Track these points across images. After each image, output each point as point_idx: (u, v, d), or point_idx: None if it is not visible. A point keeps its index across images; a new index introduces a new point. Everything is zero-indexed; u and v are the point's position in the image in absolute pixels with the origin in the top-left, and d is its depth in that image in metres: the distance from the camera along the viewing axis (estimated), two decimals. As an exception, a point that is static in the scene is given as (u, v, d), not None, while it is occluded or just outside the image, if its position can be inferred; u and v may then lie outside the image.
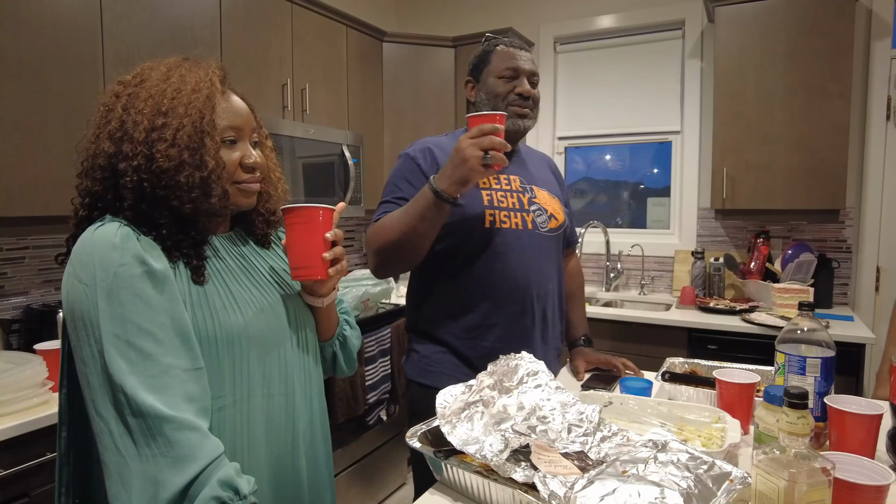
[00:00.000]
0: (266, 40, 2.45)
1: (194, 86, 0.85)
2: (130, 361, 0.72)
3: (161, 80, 0.84)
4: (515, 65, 1.48)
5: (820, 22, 2.50)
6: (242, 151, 0.89)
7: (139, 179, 0.80)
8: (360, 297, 2.51)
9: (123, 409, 0.71)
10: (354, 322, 1.17)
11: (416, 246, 1.34)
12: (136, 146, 0.80)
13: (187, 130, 0.81)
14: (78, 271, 0.76)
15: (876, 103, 2.70)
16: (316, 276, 0.92)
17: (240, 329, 0.85)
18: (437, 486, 0.97)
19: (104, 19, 1.82)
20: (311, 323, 1.03)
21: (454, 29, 3.59)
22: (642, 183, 3.47)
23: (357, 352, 1.16)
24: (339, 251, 0.95)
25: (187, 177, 0.81)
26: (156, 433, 0.71)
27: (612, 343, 2.72)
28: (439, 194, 1.25)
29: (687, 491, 0.79)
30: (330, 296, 1.01)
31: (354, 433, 2.50)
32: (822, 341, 1.08)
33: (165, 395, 0.73)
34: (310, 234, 0.91)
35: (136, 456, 0.70)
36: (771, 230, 2.92)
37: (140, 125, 0.81)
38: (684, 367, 1.50)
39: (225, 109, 0.87)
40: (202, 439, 0.74)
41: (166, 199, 0.81)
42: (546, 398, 1.02)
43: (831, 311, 2.68)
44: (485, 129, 1.21)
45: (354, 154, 2.86)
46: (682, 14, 3.14)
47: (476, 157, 1.19)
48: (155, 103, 0.82)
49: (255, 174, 0.91)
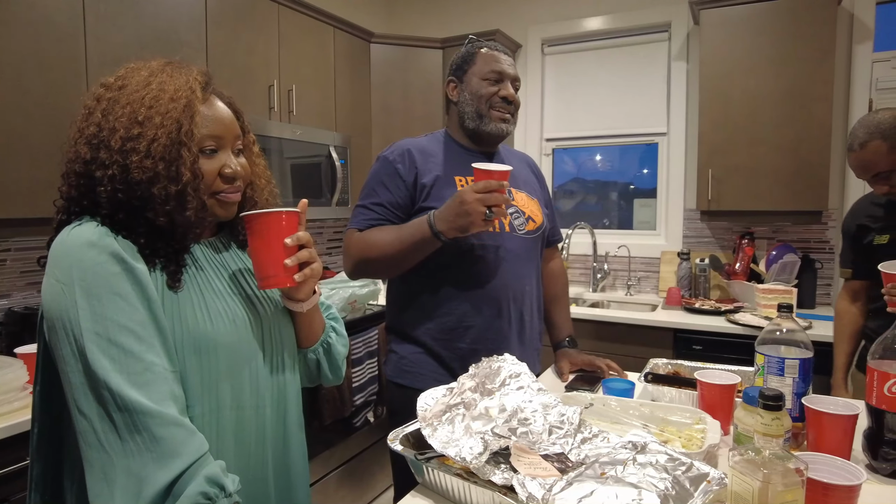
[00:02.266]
0: (252, 41, 2.44)
1: (173, 94, 0.83)
2: (113, 359, 0.72)
3: (140, 87, 0.83)
4: (501, 68, 1.49)
5: (803, 25, 2.53)
6: (222, 161, 0.87)
7: (114, 189, 0.79)
8: (346, 298, 2.51)
9: (108, 405, 0.71)
10: (343, 328, 1.14)
11: (400, 267, 1.43)
12: (112, 154, 0.79)
13: (162, 142, 0.80)
14: (55, 270, 0.75)
15: (858, 106, 2.74)
16: (281, 283, 0.89)
17: (209, 339, 0.84)
18: (418, 489, 0.98)
19: (87, 21, 1.81)
20: (290, 333, 1.01)
21: (442, 30, 3.60)
22: (632, 184, 3.49)
23: (343, 359, 1.13)
24: (305, 254, 0.91)
25: (161, 189, 0.79)
26: (141, 429, 0.70)
27: (598, 343, 2.73)
28: (437, 235, 1.31)
29: (664, 492, 0.80)
30: (309, 300, 0.98)
31: (341, 435, 2.50)
32: (801, 342, 1.09)
33: (150, 391, 0.73)
34: (269, 240, 0.88)
35: (121, 452, 0.70)
36: (756, 231, 2.95)
37: (116, 133, 0.79)
38: (667, 367, 1.51)
39: (206, 118, 0.85)
40: (188, 435, 0.74)
41: (142, 210, 0.80)
42: (528, 400, 1.02)
43: (814, 311, 2.71)
44: (491, 187, 1.25)
45: (342, 155, 2.85)
46: (668, 17, 3.16)
47: (479, 213, 1.25)
48: (132, 111, 0.81)
49: (234, 184, 0.89)
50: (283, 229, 0.88)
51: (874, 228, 1.77)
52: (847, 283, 1.94)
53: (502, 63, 1.49)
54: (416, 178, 1.44)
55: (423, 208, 1.42)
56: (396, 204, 1.44)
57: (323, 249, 3.43)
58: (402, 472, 1.32)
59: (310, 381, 1.10)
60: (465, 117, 1.50)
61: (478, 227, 1.27)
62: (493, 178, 1.26)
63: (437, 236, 1.31)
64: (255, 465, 0.91)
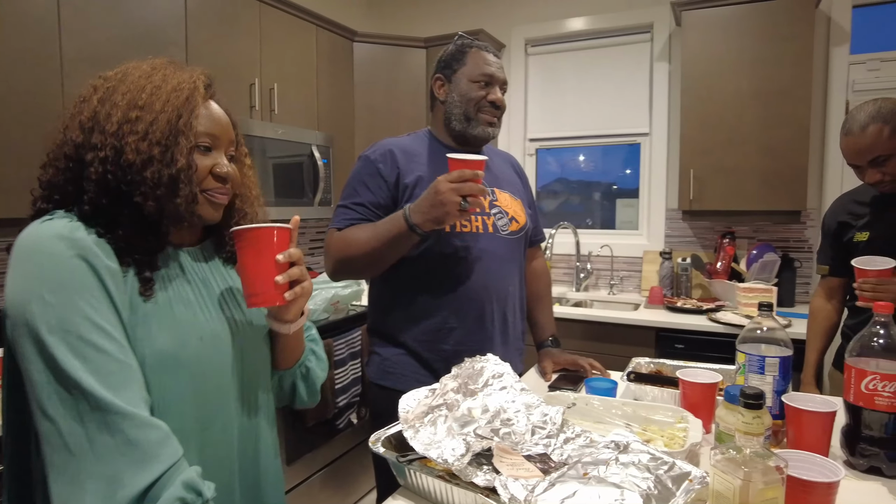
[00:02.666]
0: (233, 39, 2.40)
1: (175, 85, 0.82)
2: (85, 357, 0.69)
3: (143, 77, 0.82)
4: (491, 72, 1.48)
5: (782, 28, 2.56)
6: (215, 160, 0.86)
7: (104, 171, 0.77)
8: (329, 299, 2.48)
9: (78, 406, 0.68)
10: (322, 351, 1.10)
11: (380, 265, 1.41)
12: (106, 137, 0.77)
13: (160, 126, 0.79)
14: (21, 264, 0.72)
15: (835, 107, 2.78)
16: (270, 302, 0.86)
17: (170, 356, 0.79)
18: (400, 491, 0.97)
19: (62, 16, 1.77)
20: (266, 354, 0.97)
21: (425, 30, 3.59)
22: (615, 184, 3.51)
23: (321, 383, 1.08)
24: (297, 272, 0.88)
25: (154, 173, 0.78)
26: (115, 431, 0.68)
27: (582, 343, 2.74)
28: (413, 228, 1.28)
29: (647, 492, 0.80)
30: (297, 322, 0.94)
31: (324, 437, 2.48)
32: (781, 341, 1.10)
33: (124, 392, 0.70)
34: (260, 257, 0.85)
35: (90, 455, 0.67)
36: (736, 231, 2.98)
37: (113, 117, 0.78)
38: (650, 366, 1.52)
39: (204, 115, 0.84)
40: (164, 438, 0.71)
41: (129, 195, 0.78)
42: (511, 400, 1.02)
43: (794, 309, 2.75)
44: (465, 176, 1.23)
45: (324, 154, 2.83)
46: (650, 18, 3.18)
47: (454, 203, 1.22)
48: (132, 97, 0.80)
49: (225, 185, 0.87)
50: (275, 245, 0.85)
51: (855, 226, 1.77)
52: (823, 280, 1.96)
53: (492, 66, 1.48)
54: (398, 178, 1.43)
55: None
56: (378, 204, 1.42)
57: (305, 250, 3.40)
58: (384, 474, 1.30)
59: (279, 403, 1.05)
60: (452, 118, 1.49)
61: (453, 217, 1.25)
62: (468, 168, 1.24)
63: (412, 229, 1.28)
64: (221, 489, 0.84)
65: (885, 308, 1.01)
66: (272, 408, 0.99)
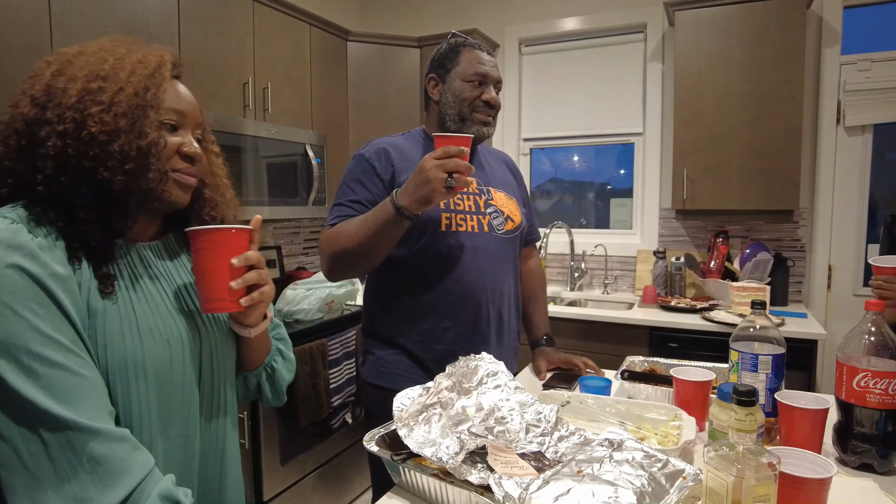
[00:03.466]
0: (226, 38, 2.39)
1: (141, 58, 0.77)
2: (35, 374, 0.64)
3: (103, 49, 0.77)
4: (485, 71, 1.47)
5: (774, 28, 2.58)
6: (183, 139, 0.81)
7: (63, 146, 0.71)
8: (323, 299, 2.48)
9: (35, 426, 0.63)
10: (290, 351, 1.06)
11: (372, 256, 1.36)
12: (63, 111, 0.71)
13: (127, 96, 0.73)
14: None
15: (826, 107, 2.80)
16: (225, 308, 0.81)
17: (137, 362, 0.75)
18: (395, 490, 0.96)
19: (53, 13, 1.75)
20: (231, 354, 0.93)
21: (418, 30, 3.59)
22: (608, 184, 3.52)
23: (287, 384, 1.04)
24: (254, 276, 0.82)
25: (122, 146, 0.72)
26: (77, 448, 0.64)
27: (576, 342, 2.75)
28: (400, 210, 1.24)
29: (640, 489, 0.80)
30: (258, 326, 0.90)
31: (319, 437, 2.47)
32: (774, 339, 1.11)
33: (82, 406, 0.66)
34: (214, 260, 0.79)
35: (52, 476, 0.63)
36: (730, 230, 3.00)
37: (71, 89, 0.72)
38: (644, 365, 1.52)
39: (171, 91, 0.80)
40: (132, 451, 0.68)
41: (93, 172, 0.72)
42: (505, 398, 1.02)
43: (786, 308, 2.76)
44: (450, 152, 1.20)
45: (318, 154, 2.82)
46: (643, 18, 3.19)
47: (439, 179, 1.19)
48: (93, 68, 0.74)
49: (193, 166, 0.82)
50: (231, 248, 0.80)
51: None
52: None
53: (486, 65, 1.47)
54: (392, 177, 1.42)
55: None
56: (374, 202, 1.41)
57: (299, 250, 3.39)
58: (380, 473, 1.30)
59: (243, 399, 1.02)
60: (447, 118, 1.48)
61: (440, 195, 1.21)
62: (453, 144, 1.22)
63: (400, 212, 1.24)
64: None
65: (875, 306, 1.01)
66: (236, 409, 0.95)
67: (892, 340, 1.00)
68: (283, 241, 3.23)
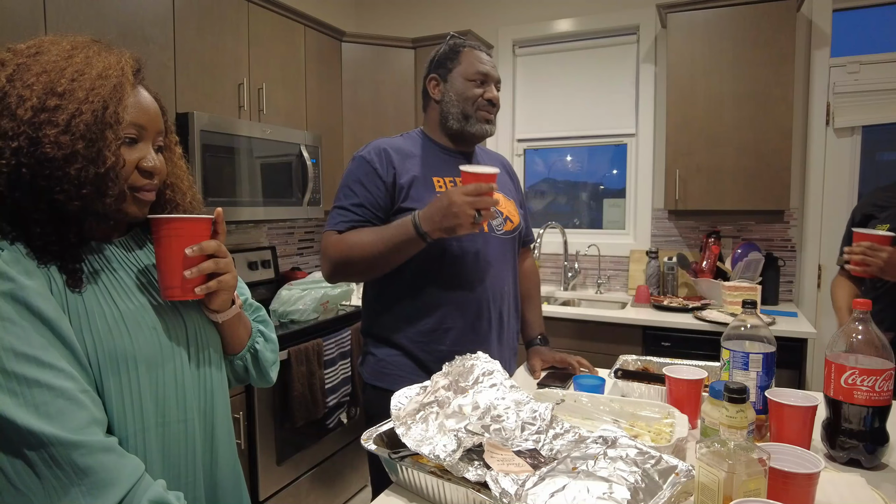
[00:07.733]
0: (221, 39, 2.40)
1: (101, 71, 0.74)
2: (13, 392, 0.64)
3: (61, 58, 0.73)
4: (486, 70, 1.49)
5: (764, 31, 2.61)
6: (142, 153, 0.80)
7: (17, 164, 0.69)
8: (319, 299, 2.49)
9: (19, 444, 0.64)
10: (272, 332, 1.07)
11: (383, 268, 1.40)
12: (18, 125, 0.69)
13: (85, 118, 0.71)
14: None
15: (816, 109, 2.83)
16: (180, 296, 0.82)
17: (128, 354, 0.76)
18: (392, 488, 0.98)
19: (47, 14, 1.75)
20: (215, 337, 0.94)
21: (412, 31, 3.60)
22: (602, 184, 3.54)
23: (272, 365, 1.06)
24: (210, 266, 0.83)
25: (79, 170, 0.71)
26: (63, 463, 0.64)
27: (570, 341, 2.77)
28: (424, 236, 1.29)
29: (634, 485, 0.81)
30: (225, 312, 0.91)
31: (314, 437, 2.48)
32: (765, 338, 1.12)
33: (64, 420, 0.66)
34: (171, 248, 0.81)
35: (41, 492, 0.64)
36: (721, 230, 3.03)
37: (27, 101, 0.70)
38: (637, 364, 1.54)
39: (132, 105, 0.78)
40: (119, 459, 0.68)
41: (48, 191, 0.71)
42: (501, 397, 1.03)
43: (777, 307, 2.79)
44: (482, 190, 1.24)
45: (313, 154, 2.83)
46: (636, 20, 3.22)
47: (469, 216, 1.23)
48: (49, 80, 0.71)
49: (152, 181, 0.82)
50: (189, 237, 0.82)
51: (878, 217, 1.76)
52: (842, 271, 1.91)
53: (486, 65, 1.50)
54: (394, 179, 1.43)
55: (401, 209, 1.41)
56: (377, 204, 1.41)
57: (294, 250, 3.40)
58: (378, 471, 1.31)
59: (238, 382, 1.04)
60: (450, 117, 1.49)
61: (466, 229, 1.25)
62: (483, 181, 1.25)
63: (422, 237, 1.30)
64: (186, 485, 0.84)
65: (862, 305, 1.04)
66: (227, 391, 0.97)
67: (879, 339, 1.02)
68: (277, 242, 3.24)
